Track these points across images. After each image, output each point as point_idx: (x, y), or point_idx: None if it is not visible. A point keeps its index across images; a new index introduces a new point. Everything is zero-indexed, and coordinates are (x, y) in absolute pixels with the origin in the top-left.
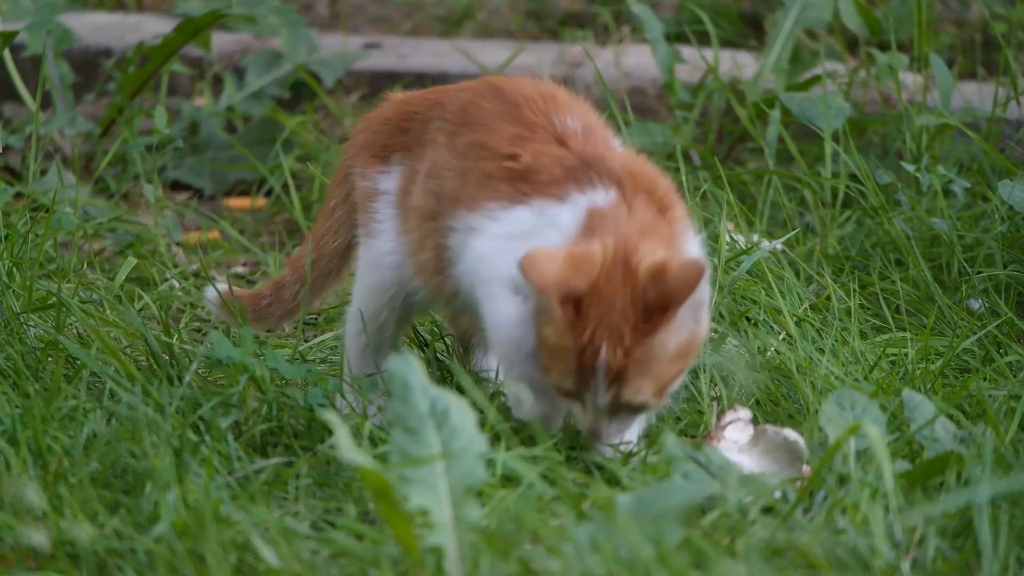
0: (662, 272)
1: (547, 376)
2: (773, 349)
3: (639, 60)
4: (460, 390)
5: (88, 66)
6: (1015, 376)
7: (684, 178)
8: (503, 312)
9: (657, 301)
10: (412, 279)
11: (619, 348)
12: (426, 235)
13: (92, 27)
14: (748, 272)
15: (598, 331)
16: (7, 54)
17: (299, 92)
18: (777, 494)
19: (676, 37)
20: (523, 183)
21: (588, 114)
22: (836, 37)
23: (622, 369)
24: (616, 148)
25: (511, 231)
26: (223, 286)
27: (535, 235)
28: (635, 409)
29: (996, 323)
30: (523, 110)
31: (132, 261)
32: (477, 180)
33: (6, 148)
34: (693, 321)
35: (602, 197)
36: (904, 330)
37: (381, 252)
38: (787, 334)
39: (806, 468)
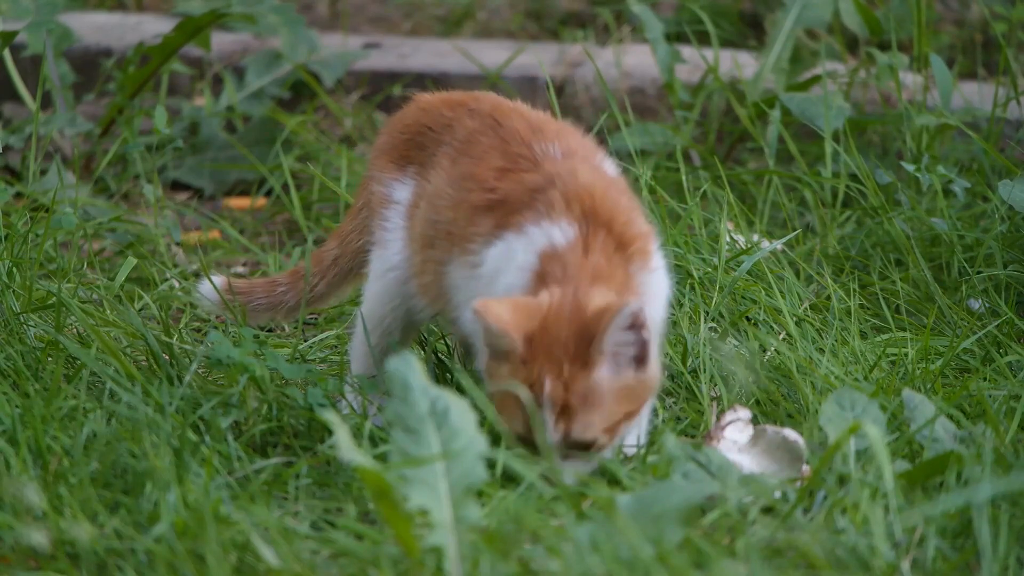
0: (595, 315)
1: (500, 419)
2: (773, 349)
3: (639, 60)
4: (460, 390)
5: (88, 66)
6: (1015, 376)
7: (684, 178)
8: None
9: (590, 340)
10: (416, 297)
11: (560, 381)
12: (427, 260)
13: (92, 27)
14: (748, 272)
15: (543, 367)
16: (7, 54)
17: (299, 92)
18: (777, 494)
19: (676, 37)
20: (497, 211)
21: (573, 139)
22: (836, 37)
23: (567, 404)
24: (594, 170)
25: (490, 271)
26: (220, 280)
27: (502, 273)
28: (586, 448)
29: (996, 323)
30: (510, 144)
31: (132, 261)
32: (465, 214)
33: (6, 148)
34: (628, 365)
35: (559, 235)
36: (904, 330)
37: (387, 264)
38: (787, 334)
39: (806, 468)
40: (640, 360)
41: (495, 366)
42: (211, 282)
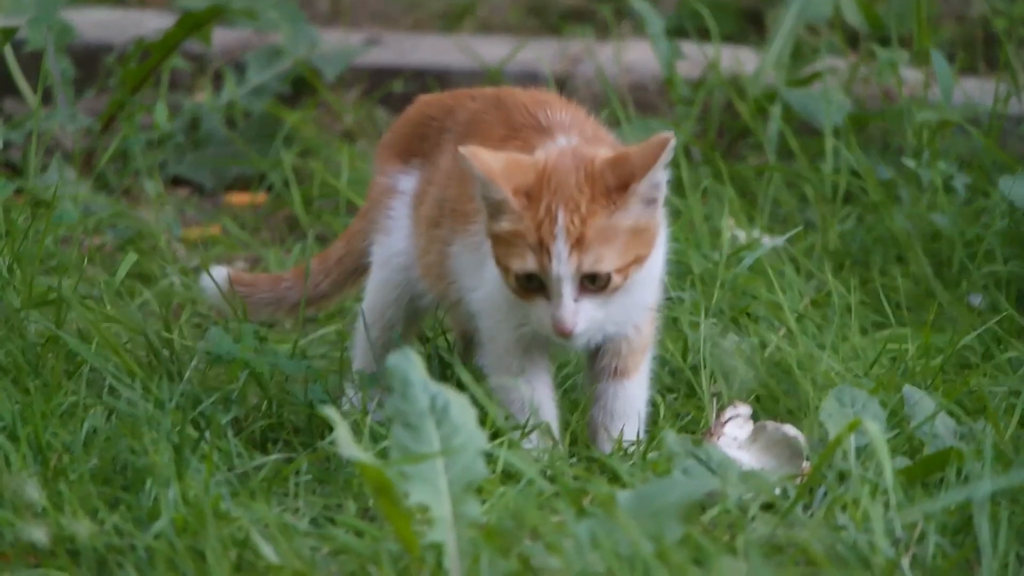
0: (622, 157)
1: (507, 274)
2: (773, 345)
3: (640, 56)
4: (461, 386)
5: (89, 61)
6: (1015, 372)
7: (685, 174)
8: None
9: (617, 181)
10: (419, 281)
11: (576, 215)
12: (432, 240)
13: (93, 22)
14: (749, 267)
15: (554, 202)
16: (8, 49)
17: (300, 87)
18: (777, 490)
19: (677, 33)
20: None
21: (580, 114)
22: (837, 32)
23: (581, 235)
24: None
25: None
26: (223, 272)
27: None
28: (599, 283)
29: (996, 319)
30: (514, 115)
31: (133, 257)
32: (467, 189)
33: (7, 143)
34: (646, 207)
35: (563, 141)
36: (904, 326)
37: (392, 251)
38: (788, 330)
39: (806, 464)
40: (653, 201)
41: (492, 223)
42: (210, 276)
